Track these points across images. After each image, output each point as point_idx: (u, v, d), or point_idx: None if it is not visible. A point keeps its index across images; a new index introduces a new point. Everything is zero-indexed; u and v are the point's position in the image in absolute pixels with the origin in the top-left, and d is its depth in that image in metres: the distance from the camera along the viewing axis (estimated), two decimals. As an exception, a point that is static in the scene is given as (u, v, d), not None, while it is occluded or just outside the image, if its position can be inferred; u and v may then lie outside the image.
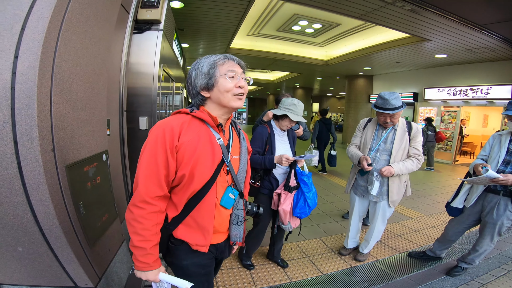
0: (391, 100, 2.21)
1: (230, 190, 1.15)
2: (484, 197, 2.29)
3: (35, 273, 1.56)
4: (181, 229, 1.10)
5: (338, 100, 24.65)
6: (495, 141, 2.30)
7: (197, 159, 1.03)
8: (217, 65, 1.06)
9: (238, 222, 1.19)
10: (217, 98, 1.08)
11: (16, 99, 1.28)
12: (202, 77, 1.07)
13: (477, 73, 8.23)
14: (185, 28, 6.41)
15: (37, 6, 1.34)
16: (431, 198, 4.98)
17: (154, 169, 1.00)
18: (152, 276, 1.05)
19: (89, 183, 1.74)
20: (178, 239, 1.11)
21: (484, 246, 2.34)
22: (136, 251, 1.02)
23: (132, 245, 1.02)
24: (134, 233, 1.01)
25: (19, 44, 1.29)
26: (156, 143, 1.00)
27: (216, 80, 1.06)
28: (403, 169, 2.30)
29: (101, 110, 1.97)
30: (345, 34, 7.54)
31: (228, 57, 1.09)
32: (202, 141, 1.05)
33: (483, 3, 4.28)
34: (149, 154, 1.00)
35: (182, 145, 1.01)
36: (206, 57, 1.10)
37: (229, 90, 1.06)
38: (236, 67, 1.09)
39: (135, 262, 1.04)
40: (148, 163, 1.00)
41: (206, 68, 1.07)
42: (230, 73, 1.06)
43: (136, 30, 2.83)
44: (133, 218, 1.01)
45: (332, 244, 3.08)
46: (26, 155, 1.32)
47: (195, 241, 1.10)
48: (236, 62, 1.10)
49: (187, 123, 1.04)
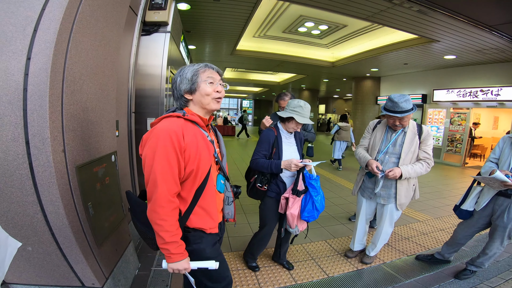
0: (400, 103, 2.17)
1: (221, 177, 1.38)
2: (494, 200, 2.25)
3: (44, 272, 1.58)
4: (193, 219, 1.25)
5: (344, 101, 24.48)
6: (506, 144, 2.25)
7: (200, 155, 1.20)
8: (199, 72, 1.24)
9: (228, 202, 1.47)
10: (198, 100, 1.26)
11: (28, 101, 1.30)
12: (186, 83, 1.23)
13: (487, 74, 8.09)
14: (192, 30, 6.45)
15: (49, 8, 1.36)
16: (439, 201, 4.90)
17: (169, 170, 1.12)
18: (186, 264, 1.19)
19: (98, 184, 1.76)
20: (192, 228, 1.27)
21: (494, 249, 2.31)
22: (170, 246, 1.14)
23: (164, 242, 1.13)
24: (163, 231, 1.12)
25: (31, 46, 1.31)
26: (166, 147, 1.11)
27: (198, 85, 1.24)
28: (411, 172, 2.26)
29: (110, 111, 1.99)
30: (352, 35, 7.50)
31: (209, 66, 1.28)
32: (199, 140, 1.22)
33: (492, 4, 4.21)
34: (161, 158, 1.11)
35: (188, 145, 1.16)
36: (190, 66, 1.27)
37: (208, 93, 1.25)
38: (215, 75, 1.27)
39: (169, 257, 1.16)
40: (162, 166, 1.11)
41: (190, 75, 1.23)
42: (209, 79, 1.25)
43: (144, 32, 2.86)
44: (159, 218, 1.11)
45: (338, 247, 3.05)
46: (37, 156, 1.34)
47: (208, 225, 1.29)
48: (215, 70, 1.29)
49: (184, 126, 1.18)
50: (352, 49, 8.69)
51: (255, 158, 2.17)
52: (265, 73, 14.83)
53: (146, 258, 2.51)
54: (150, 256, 2.54)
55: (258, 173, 2.21)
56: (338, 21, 6.49)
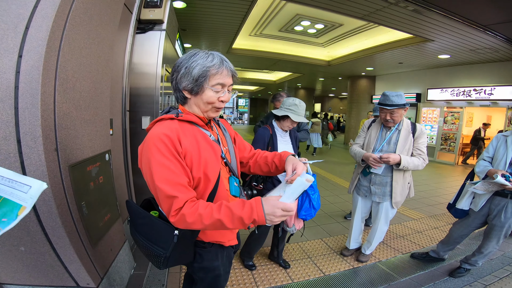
0: (391, 96, 2.22)
1: (233, 179, 1.17)
2: (491, 200, 2.27)
3: (37, 273, 1.56)
4: (208, 233, 1.10)
5: (340, 100, 24.59)
6: (500, 142, 2.27)
7: (205, 160, 1.02)
8: (209, 75, 1.00)
9: None
10: (197, 104, 1.06)
11: (20, 99, 1.28)
12: (189, 80, 1.01)
13: (480, 73, 8.18)
14: (188, 28, 6.41)
15: (41, 6, 1.34)
16: (433, 199, 4.95)
17: (172, 175, 0.93)
18: (274, 203, 0.91)
19: (92, 183, 1.74)
20: (208, 242, 1.12)
21: (489, 248, 2.33)
22: (238, 224, 0.91)
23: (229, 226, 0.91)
24: (213, 226, 0.91)
25: (23, 43, 1.29)
26: (160, 153, 0.93)
27: (202, 89, 1.02)
28: (409, 162, 2.26)
29: (104, 109, 1.97)
30: (348, 34, 7.52)
31: (225, 66, 1.03)
32: (201, 142, 1.04)
33: (487, 4, 4.25)
34: (159, 166, 0.93)
35: (187, 150, 0.98)
36: (202, 57, 1.01)
37: (212, 102, 1.04)
38: (228, 79, 1.04)
39: (255, 221, 0.91)
40: (162, 174, 0.93)
41: (197, 72, 0.99)
42: (218, 86, 1.02)
43: (139, 30, 2.83)
44: (188, 223, 0.91)
45: (334, 245, 3.07)
46: (29, 155, 1.32)
47: (227, 237, 1.15)
48: (230, 73, 1.05)
49: (180, 128, 1.00)
50: (347, 48, 8.72)
51: None
52: (261, 72, 14.81)
53: (141, 257, 2.49)
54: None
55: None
56: (334, 20, 6.50)
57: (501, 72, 7.70)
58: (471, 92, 8.34)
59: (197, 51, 1.04)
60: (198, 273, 1.18)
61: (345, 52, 9.00)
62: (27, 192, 0.93)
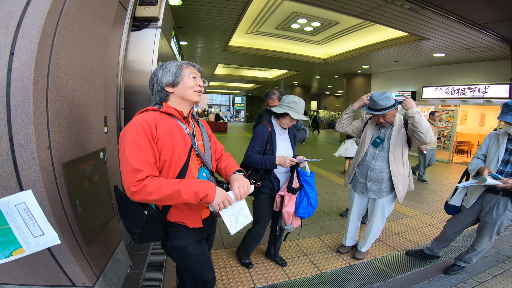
0: (379, 101, 2.22)
1: (202, 170, 1.35)
2: (483, 197, 2.28)
3: (32, 272, 1.55)
4: (173, 213, 1.27)
5: (336, 98, 24.67)
6: (493, 141, 2.29)
7: (174, 146, 1.20)
8: (182, 67, 1.29)
9: None
10: (181, 93, 1.29)
11: (12, 96, 1.26)
12: (169, 75, 1.26)
13: (475, 72, 8.26)
14: (184, 25, 6.37)
15: (34, 3, 1.33)
16: (428, 197, 5.00)
17: (140, 152, 1.11)
18: (224, 194, 1.22)
19: (86, 181, 1.72)
20: (174, 222, 1.28)
21: (482, 245, 2.34)
22: (192, 196, 1.13)
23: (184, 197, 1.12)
24: (169, 197, 1.10)
25: (14, 41, 1.27)
26: (137, 133, 1.11)
27: (181, 78, 1.27)
28: (422, 119, 2.14)
29: (98, 107, 1.96)
30: (344, 32, 7.54)
31: (191, 64, 1.34)
32: (175, 132, 1.23)
33: (482, 2, 4.28)
34: (132, 142, 1.10)
35: (160, 136, 1.17)
36: (172, 62, 1.32)
37: (191, 86, 1.29)
38: (197, 72, 1.33)
39: (206, 201, 1.17)
40: (132, 148, 1.10)
41: (174, 68, 1.27)
42: (192, 74, 1.30)
43: (134, 27, 2.80)
44: (148, 192, 1.07)
45: (331, 243, 3.08)
46: (21, 153, 1.30)
47: (190, 219, 1.29)
48: (196, 68, 1.35)
49: (158, 118, 1.20)
50: (344, 46, 8.74)
51: (249, 154, 2.17)
52: (257, 70, 14.79)
53: (138, 256, 2.48)
54: (142, 254, 2.52)
55: (252, 169, 2.21)
56: (330, 18, 6.51)
57: (495, 71, 7.76)
58: (466, 90, 8.41)
59: (164, 62, 1.32)
60: (172, 252, 1.35)
61: (341, 50, 9.02)
62: (36, 237, 0.82)
